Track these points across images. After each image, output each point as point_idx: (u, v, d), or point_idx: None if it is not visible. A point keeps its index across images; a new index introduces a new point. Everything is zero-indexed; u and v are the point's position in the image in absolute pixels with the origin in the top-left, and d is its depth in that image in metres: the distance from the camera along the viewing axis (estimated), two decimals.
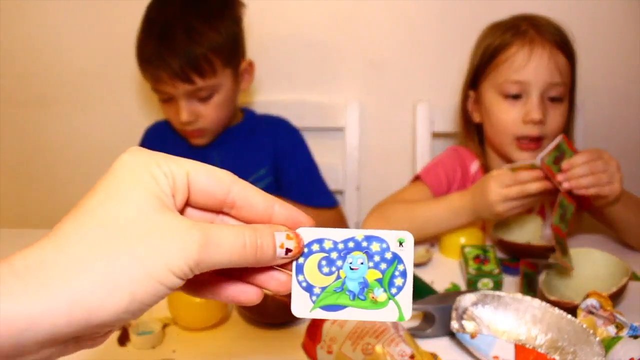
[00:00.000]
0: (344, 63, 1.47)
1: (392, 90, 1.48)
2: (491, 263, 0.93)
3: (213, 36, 1.14)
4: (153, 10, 1.19)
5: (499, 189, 0.95)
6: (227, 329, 0.81)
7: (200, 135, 1.22)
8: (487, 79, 1.14)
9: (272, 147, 1.30)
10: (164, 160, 0.37)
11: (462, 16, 1.41)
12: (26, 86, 1.53)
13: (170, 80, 1.12)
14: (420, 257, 1.01)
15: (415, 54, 1.46)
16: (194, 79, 1.13)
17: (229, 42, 1.17)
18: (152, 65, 1.14)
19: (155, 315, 0.83)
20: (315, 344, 0.71)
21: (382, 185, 1.34)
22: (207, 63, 1.13)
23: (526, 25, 1.11)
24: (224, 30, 1.16)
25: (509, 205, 0.95)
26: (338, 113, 1.45)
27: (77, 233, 0.33)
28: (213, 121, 1.21)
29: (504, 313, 0.75)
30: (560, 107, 1.10)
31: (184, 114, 1.16)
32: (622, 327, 0.69)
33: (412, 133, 1.46)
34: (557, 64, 1.08)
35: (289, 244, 0.39)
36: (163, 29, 1.14)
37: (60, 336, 0.32)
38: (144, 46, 1.16)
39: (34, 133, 1.56)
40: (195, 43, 1.12)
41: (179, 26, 1.13)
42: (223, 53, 1.15)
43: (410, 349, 0.66)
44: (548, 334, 0.72)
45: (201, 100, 1.17)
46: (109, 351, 0.75)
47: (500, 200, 0.95)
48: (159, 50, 1.12)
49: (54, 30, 1.48)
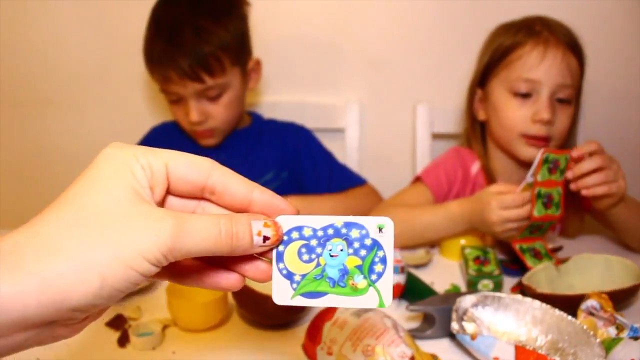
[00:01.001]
0: (344, 64, 1.47)
1: (392, 91, 1.48)
2: (491, 264, 0.93)
3: (221, 34, 1.14)
4: (160, 10, 1.19)
5: (499, 210, 0.95)
6: (226, 330, 0.81)
7: (210, 135, 1.22)
8: (497, 77, 1.14)
9: (280, 152, 1.29)
10: (142, 154, 0.38)
11: (463, 18, 1.42)
12: (26, 87, 1.53)
13: (180, 79, 1.12)
14: (421, 258, 1.01)
15: (416, 55, 1.46)
16: (203, 77, 1.13)
17: (237, 40, 1.17)
18: (161, 65, 1.13)
19: (155, 316, 0.83)
20: (316, 345, 0.71)
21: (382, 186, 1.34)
22: (216, 61, 1.13)
23: (540, 25, 1.11)
24: (232, 28, 1.16)
25: (507, 227, 0.96)
26: (338, 114, 1.45)
27: (54, 219, 0.35)
28: (223, 120, 1.21)
29: (504, 314, 0.75)
30: (568, 109, 1.10)
31: (194, 114, 1.16)
32: (623, 329, 0.69)
33: (412, 134, 1.46)
34: (569, 66, 1.08)
35: (267, 231, 0.39)
36: (171, 28, 1.14)
37: (32, 319, 0.33)
38: (152, 46, 1.15)
39: (34, 133, 1.56)
40: (204, 42, 1.12)
41: (187, 25, 1.13)
42: (231, 51, 1.15)
43: (411, 350, 0.66)
44: (548, 335, 0.72)
45: (210, 99, 1.17)
46: (109, 352, 0.75)
47: (500, 222, 0.95)
48: (167, 50, 1.12)
49: (55, 31, 1.48)
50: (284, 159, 1.29)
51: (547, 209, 0.94)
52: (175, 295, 0.80)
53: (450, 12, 1.42)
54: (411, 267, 0.97)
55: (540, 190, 0.94)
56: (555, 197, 0.95)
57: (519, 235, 0.97)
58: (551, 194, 0.95)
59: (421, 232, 1.06)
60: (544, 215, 0.94)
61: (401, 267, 0.83)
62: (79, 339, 0.78)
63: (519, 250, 0.96)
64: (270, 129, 1.33)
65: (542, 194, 0.94)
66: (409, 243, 1.07)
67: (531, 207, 0.93)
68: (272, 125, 1.34)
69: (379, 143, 1.51)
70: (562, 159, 0.95)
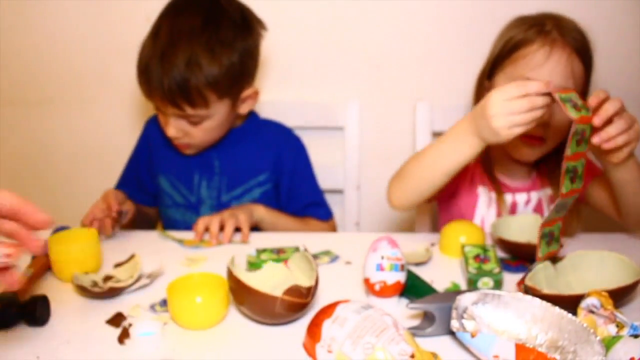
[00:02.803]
0: (343, 62, 1.47)
1: (392, 89, 1.48)
2: (491, 262, 0.93)
3: (212, 70, 1.10)
4: (164, 19, 1.15)
5: (502, 101, 0.87)
6: (226, 328, 0.81)
7: (187, 147, 1.22)
8: (502, 71, 1.14)
9: (274, 155, 1.29)
10: None
11: (463, 15, 1.41)
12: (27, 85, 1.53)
13: (161, 100, 1.12)
14: (420, 256, 1.00)
15: (416, 53, 1.45)
16: (183, 107, 1.11)
17: (230, 75, 1.13)
18: (147, 79, 1.12)
19: (155, 314, 0.83)
20: (315, 343, 0.71)
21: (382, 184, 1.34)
22: (199, 96, 1.11)
23: (551, 25, 1.10)
24: (227, 62, 1.12)
25: (510, 121, 0.87)
26: (338, 112, 1.45)
27: None
28: (201, 141, 1.20)
29: (504, 312, 0.75)
30: None
31: (170, 130, 1.16)
32: (623, 326, 0.69)
33: (412, 132, 1.46)
34: (573, 70, 1.08)
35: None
36: (166, 47, 1.11)
37: None
38: (144, 54, 1.13)
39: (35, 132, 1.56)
40: (191, 74, 1.09)
41: (182, 51, 1.10)
42: (220, 87, 1.13)
43: (411, 348, 0.66)
44: (548, 333, 0.72)
45: (191, 122, 1.16)
46: (109, 351, 0.75)
47: (502, 114, 0.87)
48: (156, 67, 1.10)
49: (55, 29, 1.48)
50: (275, 164, 1.29)
51: (572, 183, 0.87)
52: (175, 293, 0.80)
53: (451, 9, 1.42)
54: (411, 265, 0.97)
55: (568, 165, 0.86)
56: (580, 169, 0.88)
57: (548, 218, 0.89)
58: (576, 167, 0.87)
59: (432, 167, 1.01)
60: (570, 191, 0.87)
61: (401, 265, 0.83)
62: (79, 336, 0.78)
63: (540, 236, 0.89)
64: (268, 129, 1.32)
65: (570, 169, 0.87)
66: (423, 186, 1.03)
67: (560, 183, 0.86)
68: (269, 125, 1.33)
69: (379, 141, 1.51)
70: (587, 129, 0.87)
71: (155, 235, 1.12)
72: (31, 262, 0.94)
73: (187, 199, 1.28)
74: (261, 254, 1.00)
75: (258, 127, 1.30)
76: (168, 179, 1.28)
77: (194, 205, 1.27)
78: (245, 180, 1.27)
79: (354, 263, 0.99)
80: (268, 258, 0.98)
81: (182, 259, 1.01)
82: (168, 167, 1.28)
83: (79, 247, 0.93)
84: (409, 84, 1.47)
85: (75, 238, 0.95)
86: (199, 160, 1.26)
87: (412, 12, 1.43)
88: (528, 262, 0.98)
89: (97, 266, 0.95)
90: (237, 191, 1.27)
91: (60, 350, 0.75)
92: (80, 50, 1.49)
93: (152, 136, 1.30)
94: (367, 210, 1.53)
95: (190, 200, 1.27)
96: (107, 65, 1.50)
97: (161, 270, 0.94)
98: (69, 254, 0.91)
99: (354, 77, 1.48)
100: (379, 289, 0.83)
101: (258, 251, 1.02)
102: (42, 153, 1.58)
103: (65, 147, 1.56)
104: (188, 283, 0.83)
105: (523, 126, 0.89)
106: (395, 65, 1.46)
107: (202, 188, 1.27)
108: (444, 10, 1.42)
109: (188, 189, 1.27)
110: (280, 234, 1.14)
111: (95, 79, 1.51)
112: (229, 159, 1.27)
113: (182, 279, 0.83)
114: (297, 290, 0.77)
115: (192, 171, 1.27)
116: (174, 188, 1.28)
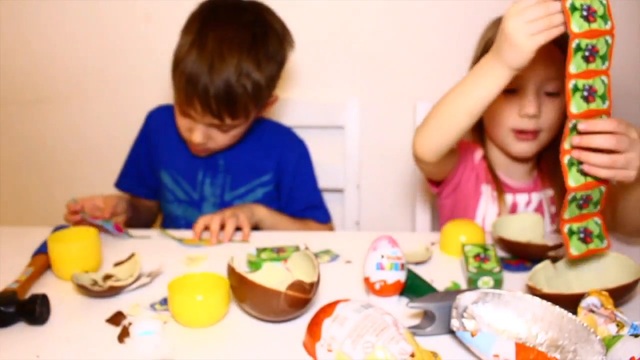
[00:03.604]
0: (344, 61, 1.47)
1: (392, 88, 1.48)
2: (492, 261, 0.92)
3: (259, 82, 1.11)
4: (208, 27, 1.12)
5: (517, 13, 0.82)
6: (227, 326, 0.80)
7: (204, 151, 1.22)
8: None
9: (277, 156, 1.29)
10: None
11: (462, 13, 1.41)
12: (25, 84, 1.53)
13: (202, 110, 1.11)
14: (421, 255, 1.00)
15: (416, 52, 1.45)
16: (224, 118, 1.12)
17: (268, 86, 1.15)
18: (192, 88, 1.09)
19: (155, 312, 0.83)
20: (315, 341, 0.71)
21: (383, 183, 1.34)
22: (243, 107, 1.12)
23: None
24: (270, 74, 1.14)
25: (530, 29, 0.82)
26: (338, 111, 1.45)
27: None
28: (223, 146, 1.21)
29: (504, 311, 0.75)
30: (556, 101, 1.11)
31: (197, 137, 1.15)
32: (623, 326, 0.69)
33: (412, 131, 1.45)
34: (554, 59, 1.08)
35: None
36: (215, 60, 1.09)
37: None
38: (191, 64, 1.10)
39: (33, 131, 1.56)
40: (239, 85, 1.09)
41: (232, 65, 1.09)
42: (261, 98, 1.14)
43: (411, 347, 0.66)
44: (548, 333, 0.71)
45: (222, 130, 1.17)
46: (109, 349, 0.75)
47: (520, 24, 0.82)
48: (205, 79, 1.08)
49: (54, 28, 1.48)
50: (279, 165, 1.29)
51: (588, 102, 0.78)
52: (176, 291, 0.80)
53: (450, 8, 1.42)
54: (411, 264, 0.97)
55: (577, 83, 0.78)
56: (599, 87, 0.78)
57: (568, 214, 0.82)
58: (591, 85, 0.78)
59: (456, 108, 0.96)
60: (584, 112, 0.78)
61: (401, 264, 0.83)
62: (78, 335, 0.78)
63: (567, 234, 0.83)
64: (272, 130, 1.32)
65: (579, 87, 0.78)
66: (447, 128, 0.98)
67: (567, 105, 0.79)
68: (274, 127, 1.34)
69: (379, 140, 1.51)
70: (599, 44, 0.78)
71: (155, 234, 1.12)
72: (31, 260, 0.94)
73: (190, 196, 1.28)
74: (261, 253, 1.00)
75: (263, 128, 1.30)
76: (170, 174, 1.28)
77: (196, 202, 1.27)
78: (249, 180, 1.27)
79: (354, 262, 0.99)
80: (268, 257, 0.98)
81: (182, 258, 1.01)
82: (171, 162, 1.28)
83: (78, 246, 0.92)
84: (409, 83, 1.47)
85: (75, 237, 0.95)
86: (204, 158, 1.27)
87: (413, 11, 1.43)
88: (528, 262, 0.98)
89: (96, 265, 0.95)
90: (240, 190, 1.27)
91: (60, 349, 0.75)
92: (78, 48, 1.49)
93: (154, 129, 1.30)
94: (367, 209, 1.53)
95: (193, 197, 1.27)
96: (106, 64, 1.49)
97: (161, 269, 0.94)
98: (68, 252, 0.91)
99: (354, 76, 1.48)
100: (379, 288, 0.83)
101: (258, 250, 1.01)
102: (41, 151, 1.57)
103: (64, 146, 1.56)
104: (189, 281, 0.83)
105: (544, 33, 0.82)
106: (395, 64, 1.46)
107: (206, 185, 1.27)
108: (444, 9, 1.42)
109: (191, 185, 1.27)
110: (281, 233, 1.14)
111: (94, 77, 1.51)
112: (234, 158, 1.27)
113: (183, 278, 0.83)
114: (300, 285, 0.77)
115: (196, 168, 1.27)
116: (176, 184, 1.28)
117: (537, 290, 0.80)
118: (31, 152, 1.58)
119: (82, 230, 0.98)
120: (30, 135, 1.56)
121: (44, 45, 1.49)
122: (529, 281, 0.83)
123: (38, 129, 1.56)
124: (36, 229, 1.07)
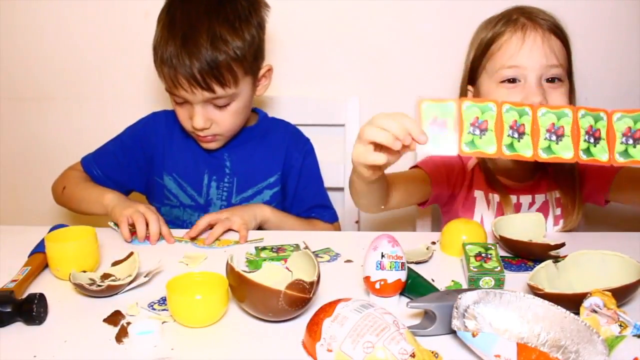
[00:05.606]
0: (344, 59, 1.47)
1: (392, 86, 1.48)
2: (493, 261, 0.92)
3: (237, 44, 1.11)
4: (176, 8, 1.14)
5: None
6: (226, 326, 0.80)
7: (212, 140, 1.21)
8: (484, 71, 1.15)
9: (284, 156, 1.28)
10: None
11: (462, 11, 1.41)
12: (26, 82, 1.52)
13: (189, 86, 1.10)
14: (421, 254, 1.00)
15: (417, 49, 1.45)
16: (214, 87, 1.10)
17: (252, 49, 1.14)
18: (172, 68, 1.10)
19: (154, 312, 0.82)
20: (315, 341, 0.70)
21: None
22: (229, 72, 1.10)
23: (517, 14, 1.12)
24: (249, 36, 1.13)
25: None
26: (339, 109, 1.44)
27: None
28: (228, 128, 1.19)
29: (505, 311, 0.74)
30: (559, 88, 1.10)
31: (199, 120, 1.14)
32: (626, 326, 0.69)
33: None
34: (552, 46, 1.08)
35: None
36: (186, 31, 1.10)
37: None
38: (164, 46, 1.11)
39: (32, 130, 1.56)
40: (219, 51, 1.09)
41: (204, 31, 1.09)
42: (246, 61, 1.13)
43: (411, 347, 0.65)
44: (550, 333, 0.71)
45: (218, 107, 1.15)
46: (107, 349, 0.75)
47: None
48: (180, 53, 1.09)
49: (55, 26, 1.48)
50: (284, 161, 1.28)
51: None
52: (174, 290, 0.79)
53: (450, 5, 1.41)
54: (412, 264, 0.96)
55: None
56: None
57: None
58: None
59: (356, 187, 1.05)
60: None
61: (402, 263, 0.82)
62: (76, 335, 0.77)
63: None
64: (278, 129, 1.31)
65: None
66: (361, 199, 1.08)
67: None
68: (280, 125, 1.33)
69: None
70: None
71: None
72: (28, 259, 0.93)
73: (195, 200, 1.26)
74: (260, 252, 1.00)
75: (269, 127, 1.30)
76: (174, 179, 1.26)
77: (202, 206, 1.26)
78: (256, 182, 1.26)
79: (355, 261, 0.99)
80: (267, 256, 0.97)
81: (180, 258, 1.00)
82: (175, 166, 1.26)
83: (76, 245, 0.92)
84: (410, 81, 1.46)
85: (73, 236, 0.95)
86: (210, 161, 1.25)
87: (413, 9, 1.43)
88: (530, 261, 0.97)
89: (94, 264, 0.94)
90: (247, 193, 1.26)
91: (58, 349, 0.74)
92: (78, 47, 1.49)
93: (158, 133, 1.28)
94: None
95: (198, 201, 1.26)
96: (106, 62, 1.49)
97: (160, 269, 0.93)
98: (66, 251, 0.91)
99: (354, 74, 1.48)
100: (379, 287, 0.82)
101: (257, 249, 1.01)
102: (41, 150, 1.57)
103: (63, 144, 1.56)
104: (188, 280, 0.82)
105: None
106: (395, 62, 1.46)
107: (212, 189, 1.26)
108: (444, 7, 1.42)
109: (196, 190, 1.26)
110: (280, 233, 1.14)
111: (94, 75, 1.51)
112: (240, 160, 1.26)
113: (181, 277, 0.83)
114: (300, 285, 0.77)
115: (202, 172, 1.26)
116: (180, 188, 1.26)
117: (539, 290, 0.79)
118: (30, 151, 1.58)
119: (80, 229, 0.97)
120: (30, 133, 1.56)
121: (45, 44, 1.49)
122: (531, 281, 0.83)
123: (37, 127, 1.56)
124: (33, 228, 1.07)
